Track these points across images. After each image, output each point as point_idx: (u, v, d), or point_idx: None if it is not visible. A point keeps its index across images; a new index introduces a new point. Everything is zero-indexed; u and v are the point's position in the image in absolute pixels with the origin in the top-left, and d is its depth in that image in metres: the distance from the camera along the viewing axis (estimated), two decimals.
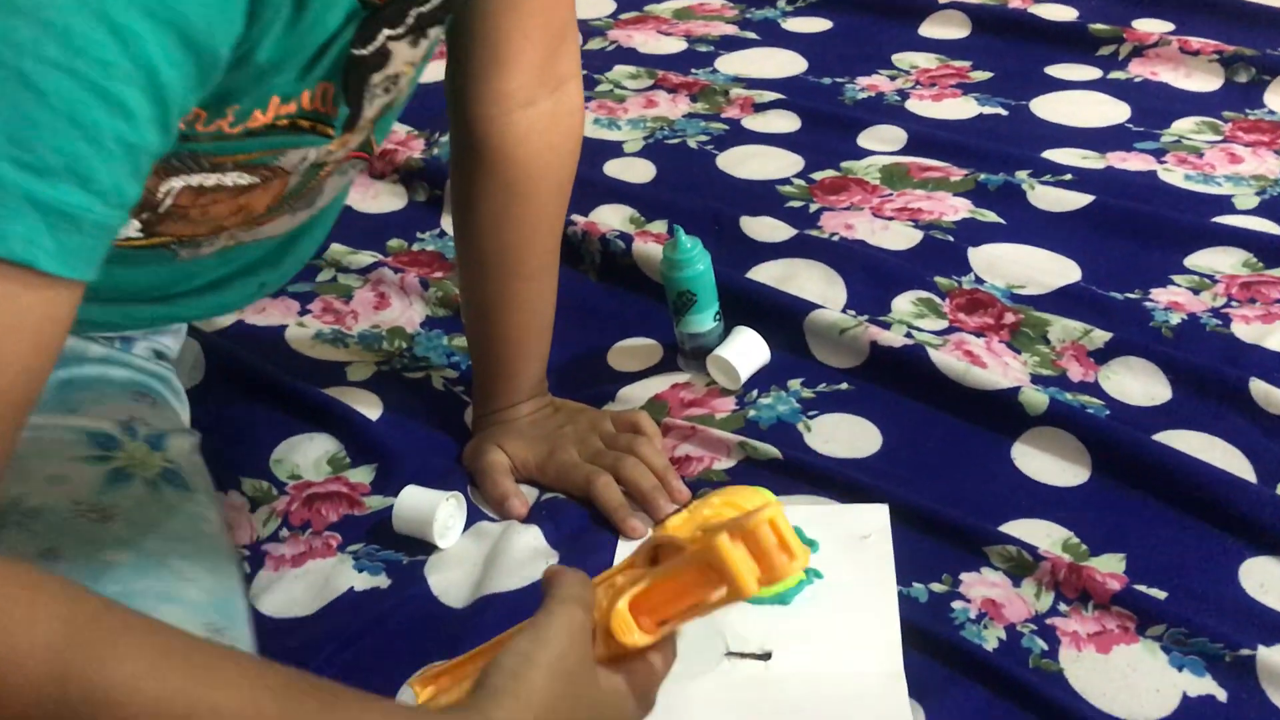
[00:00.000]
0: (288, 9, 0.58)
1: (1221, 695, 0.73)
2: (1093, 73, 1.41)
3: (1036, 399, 0.93)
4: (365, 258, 1.16)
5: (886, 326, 1.02)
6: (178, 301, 0.90)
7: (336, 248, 1.17)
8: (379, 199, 1.24)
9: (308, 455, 0.95)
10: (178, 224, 0.77)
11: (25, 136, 0.46)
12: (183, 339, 1.00)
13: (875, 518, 0.85)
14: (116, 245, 0.77)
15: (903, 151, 1.28)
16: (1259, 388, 0.94)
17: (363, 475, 0.93)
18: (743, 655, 0.75)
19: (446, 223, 1.20)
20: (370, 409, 0.99)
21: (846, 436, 0.94)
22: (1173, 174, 1.23)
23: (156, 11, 0.48)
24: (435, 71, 1.19)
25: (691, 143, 1.32)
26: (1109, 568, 0.81)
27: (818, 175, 1.25)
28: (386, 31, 0.66)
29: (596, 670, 0.57)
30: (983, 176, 1.22)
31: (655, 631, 0.57)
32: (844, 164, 1.26)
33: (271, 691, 0.48)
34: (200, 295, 0.90)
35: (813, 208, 1.20)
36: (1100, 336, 1.01)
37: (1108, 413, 0.94)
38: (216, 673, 0.48)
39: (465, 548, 0.86)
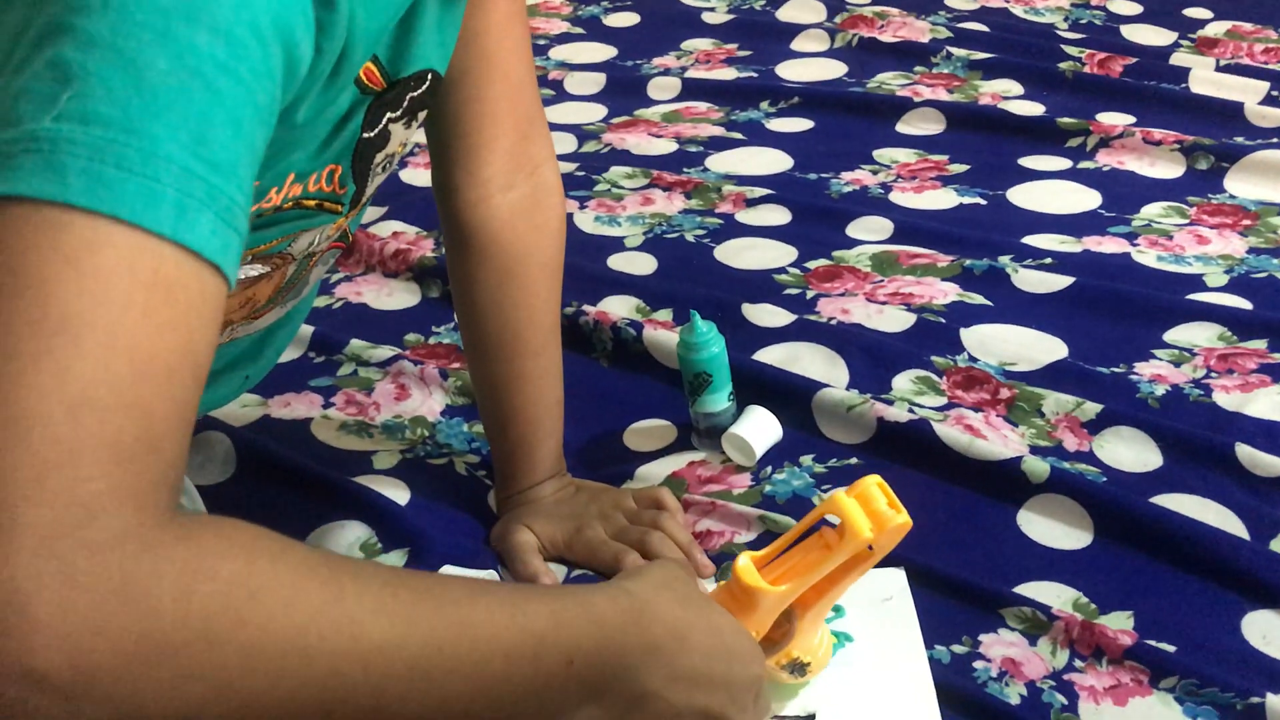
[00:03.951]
0: (327, 72, 0.62)
1: None
2: (1063, 163, 1.49)
3: (1038, 467, 0.98)
4: (384, 352, 1.20)
5: (890, 404, 1.07)
6: None
7: (356, 343, 1.21)
8: (394, 296, 1.28)
9: (340, 542, 0.98)
10: None
11: (205, 134, 0.48)
12: None
13: (894, 580, 0.89)
14: None
15: (890, 240, 1.35)
16: (1244, 452, 0.99)
17: (395, 559, 0.96)
18: (787, 718, 0.78)
19: None
20: (398, 495, 1.02)
21: None
22: (1145, 255, 1.30)
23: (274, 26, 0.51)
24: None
25: (689, 236, 1.38)
26: (1119, 625, 0.86)
27: (811, 264, 1.31)
28: (389, 114, 0.72)
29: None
30: (968, 262, 1.29)
31: (778, 584, 0.68)
32: (836, 253, 1.32)
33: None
34: None
35: (809, 294, 1.26)
36: (1092, 408, 1.06)
37: (1105, 479, 0.99)
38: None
39: None
